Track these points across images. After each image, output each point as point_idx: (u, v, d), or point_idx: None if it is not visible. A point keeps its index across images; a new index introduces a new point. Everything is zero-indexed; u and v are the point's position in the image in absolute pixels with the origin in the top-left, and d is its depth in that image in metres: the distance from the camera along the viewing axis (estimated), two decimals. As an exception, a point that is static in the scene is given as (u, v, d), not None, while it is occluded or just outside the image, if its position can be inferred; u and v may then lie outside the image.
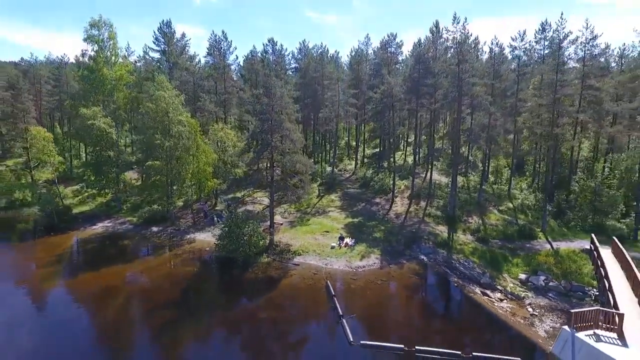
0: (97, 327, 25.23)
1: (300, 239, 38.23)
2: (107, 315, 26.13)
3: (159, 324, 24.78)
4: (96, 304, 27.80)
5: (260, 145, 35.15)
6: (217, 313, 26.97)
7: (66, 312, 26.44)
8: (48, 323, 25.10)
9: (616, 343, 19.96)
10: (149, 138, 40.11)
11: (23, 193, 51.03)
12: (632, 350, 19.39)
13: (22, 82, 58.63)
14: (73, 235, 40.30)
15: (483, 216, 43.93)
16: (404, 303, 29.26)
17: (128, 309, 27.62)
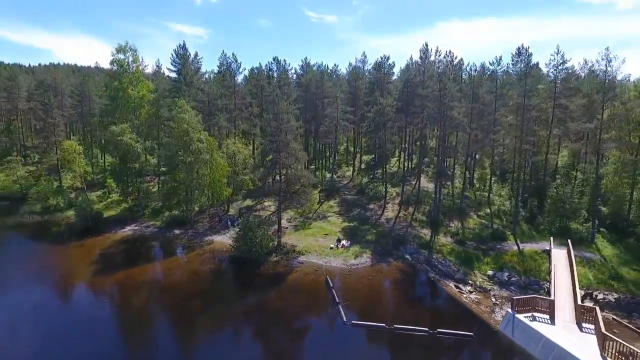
0: (135, 314, 31.56)
1: (304, 241, 44.55)
2: (144, 305, 32.59)
3: (185, 312, 31.02)
4: (134, 296, 34.20)
5: (271, 162, 41.47)
6: (235, 303, 33.27)
7: (111, 302, 32.84)
8: (97, 311, 31.48)
9: (546, 322, 26.37)
10: (173, 154, 46.40)
11: (56, 199, 57.35)
12: (557, 327, 25.78)
13: (52, 99, 64.70)
14: (107, 238, 46.51)
15: (463, 221, 50.14)
16: (388, 293, 35.61)
17: (161, 300, 33.84)
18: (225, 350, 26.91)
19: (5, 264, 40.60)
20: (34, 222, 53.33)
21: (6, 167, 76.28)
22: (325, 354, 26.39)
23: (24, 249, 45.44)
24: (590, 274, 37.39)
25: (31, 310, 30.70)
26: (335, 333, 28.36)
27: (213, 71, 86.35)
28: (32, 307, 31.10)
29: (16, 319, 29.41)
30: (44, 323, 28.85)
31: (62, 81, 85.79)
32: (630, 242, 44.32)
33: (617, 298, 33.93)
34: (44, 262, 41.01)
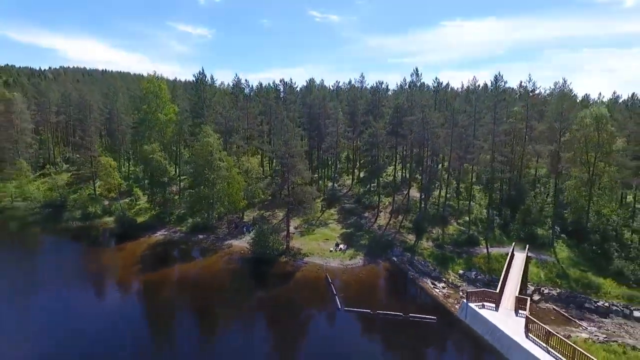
0: (172, 305, 40.40)
1: (308, 245, 53.21)
2: (179, 297, 41.40)
3: (212, 303, 39.77)
4: (170, 290, 43.08)
5: (281, 180, 50.20)
6: (252, 295, 42.04)
7: (153, 296, 41.67)
8: (142, 303, 40.34)
9: (492, 309, 34.83)
10: (199, 171, 55.17)
11: (94, 207, 66.30)
12: (499, 313, 34.28)
13: (89, 118, 73.70)
14: (143, 242, 55.33)
15: (444, 227, 58.44)
16: (375, 288, 44.24)
17: (193, 293, 42.53)
18: (245, 332, 35.68)
19: (62, 264, 49.49)
20: (77, 228, 62.19)
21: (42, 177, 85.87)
22: (325, 331, 35.18)
23: (74, 252, 54.42)
24: (542, 273, 45.77)
25: (89, 302, 39.76)
26: (332, 317, 37.08)
27: (223, 83, 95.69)
28: (89, 300, 40.21)
29: (77, 310, 38.24)
30: (99, 313, 37.80)
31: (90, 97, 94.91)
32: (584, 247, 52.57)
33: (559, 292, 42.31)
34: (95, 263, 49.83)
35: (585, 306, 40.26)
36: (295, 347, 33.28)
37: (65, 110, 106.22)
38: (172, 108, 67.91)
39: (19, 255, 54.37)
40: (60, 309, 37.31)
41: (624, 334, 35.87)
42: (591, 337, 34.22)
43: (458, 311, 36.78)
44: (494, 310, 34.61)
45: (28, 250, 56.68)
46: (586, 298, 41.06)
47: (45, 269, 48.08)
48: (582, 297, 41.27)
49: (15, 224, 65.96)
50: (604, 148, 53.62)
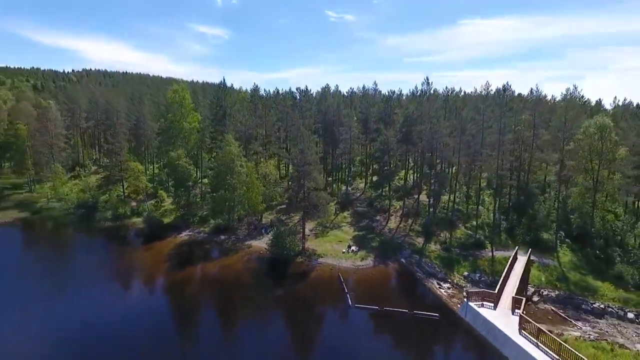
0: (198, 300, 44.62)
1: (322, 246, 56.89)
2: (204, 293, 45.59)
3: (234, 298, 43.92)
4: (197, 286, 47.34)
5: (297, 186, 54.03)
6: (270, 292, 45.98)
7: (180, 292, 45.98)
8: (170, 297, 44.68)
9: (490, 308, 37.76)
10: (221, 176, 59.42)
11: (124, 208, 71.35)
12: (496, 312, 37.19)
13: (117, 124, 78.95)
14: (170, 241, 59.86)
15: (452, 231, 61.30)
16: (383, 286, 47.61)
17: (216, 289, 46.76)
18: (264, 326, 39.55)
19: (97, 262, 54.35)
20: (108, 227, 67.20)
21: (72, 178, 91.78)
22: (337, 326, 38.88)
23: (108, 250, 59.37)
24: (542, 276, 48.43)
25: (121, 297, 44.34)
26: (343, 312, 40.71)
27: (241, 88, 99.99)
28: (121, 295, 44.85)
29: (111, 304, 42.77)
30: (131, 306, 42.30)
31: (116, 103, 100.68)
32: (587, 251, 54.88)
33: (557, 294, 45.01)
34: (127, 261, 54.54)
35: (582, 307, 42.93)
36: (309, 339, 37.07)
37: (94, 116, 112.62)
38: (195, 117, 72.56)
39: (59, 253, 59.66)
40: (97, 303, 41.76)
41: (617, 334, 38.49)
42: (583, 335, 37.02)
43: (459, 309, 39.92)
44: (492, 309, 37.59)
45: (66, 249, 61.96)
46: (583, 300, 43.69)
47: (82, 266, 52.94)
48: (580, 299, 43.92)
49: (52, 224, 71.52)
50: (608, 156, 55.90)
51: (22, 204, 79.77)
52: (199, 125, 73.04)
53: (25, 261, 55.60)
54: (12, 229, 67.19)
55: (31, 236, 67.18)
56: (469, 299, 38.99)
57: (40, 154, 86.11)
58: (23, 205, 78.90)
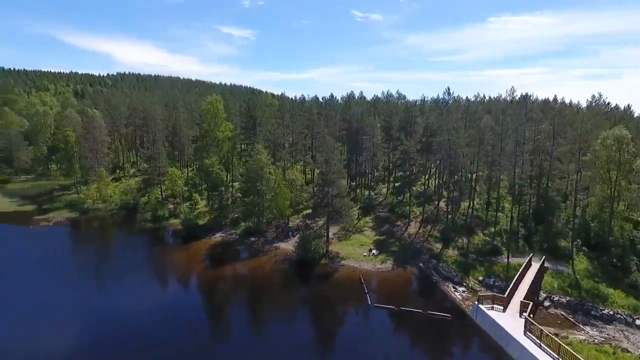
0: (230, 297, 49.45)
1: (345, 249, 60.79)
2: (236, 291, 50.40)
3: (263, 296, 48.45)
4: (230, 285, 52.27)
5: (322, 193, 58.18)
6: (296, 291, 50.36)
7: (212, 289, 50.97)
8: (206, 294, 49.69)
9: (500, 311, 40.78)
10: (251, 183, 64.32)
11: (163, 210, 77.49)
12: (505, 314, 40.24)
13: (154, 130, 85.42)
14: (205, 242, 65.20)
15: (470, 237, 63.89)
16: (401, 288, 51.00)
17: (247, 287, 51.50)
18: (290, 322, 43.92)
19: (139, 260, 60.17)
20: (149, 228, 73.38)
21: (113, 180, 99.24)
22: (357, 323, 42.84)
23: (148, 249, 65.43)
24: (555, 283, 50.59)
25: (163, 291, 49.74)
26: (363, 311, 44.57)
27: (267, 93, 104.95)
28: (163, 290, 50.25)
29: (153, 297, 48.19)
30: (171, 300, 47.54)
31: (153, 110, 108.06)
32: (603, 260, 56.44)
33: (568, 300, 47.18)
34: (166, 259, 60.11)
35: (592, 313, 45.03)
36: (332, 335, 41.19)
37: (132, 122, 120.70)
38: (228, 126, 77.99)
39: (105, 251, 66.35)
40: (138, 297, 47.24)
41: (623, 339, 40.59)
42: (588, 339, 39.39)
43: (470, 311, 42.99)
44: (501, 312, 40.56)
45: (111, 247, 68.64)
46: (593, 306, 45.76)
47: (126, 263, 58.65)
48: (590, 305, 46.00)
49: (98, 223, 78.65)
50: (625, 167, 57.20)
51: (71, 204, 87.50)
52: (231, 134, 78.44)
53: (76, 258, 62.25)
54: (65, 228, 74.46)
55: (81, 235, 74.22)
56: (479, 302, 42.08)
57: (86, 158, 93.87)
58: (72, 205, 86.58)
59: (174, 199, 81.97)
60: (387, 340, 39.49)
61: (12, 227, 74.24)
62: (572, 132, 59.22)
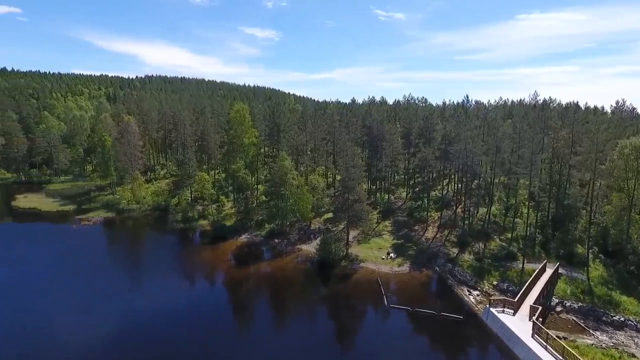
0: (255, 294, 53.21)
1: (364, 252, 63.72)
2: (260, 289, 54.14)
3: (285, 295, 52.12)
4: (255, 283, 56.11)
5: (342, 199, 61.35)
6: (317, 291, 53.71)
7: (238, 286, 54.93)
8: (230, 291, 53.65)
9: (510, 314, 42.99)
10: (275, 188, 68.14)
11: (192, 212, 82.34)
12: (515, 318, 42.49)
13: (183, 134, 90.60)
14: (232, 243, 69.39)
15: (487, 242, 65.66)
16: (416, 291, 53.54)
17: (270, 286, 55.20)
18: (311, 319, 47.31)
19: (170, 258, 64.93)
20: (180, 229, 78.22)
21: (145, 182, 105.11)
22: (374, 322, 45.91)
23: (179, 248, 70.16)
24: (568, 289, 52.08)
25: (192, 287, 54.10)
26: (380, 311, 47.52)
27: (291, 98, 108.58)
28: (192, 286, 54.63)
29: (183, 292, 52.53)
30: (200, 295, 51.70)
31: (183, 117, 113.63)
32: (619, 267, 57.39)
33: (580, 306, 48.70)
34: (196, 258, 64.59)
35: (602, 319, 46.46)
36: (350, 331, 44.42)
37: (163, 126, 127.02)
38: (253, 133, 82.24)
39: (139, 249, 71.63)
40: (168, 292, 51.84)
41: (632, 345, 42.05)
42: (596, 343, 41.08)
43: (482, 314, 45.28)
44: (512, 315, 42.76)
45: (145, 246, 73.91)
46: (604, 312, 47.17)
47: (158, 261, 63.62)
48: (601, 311, 47.43)
49: (132, 223, 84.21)
50: (643, 176, 57.87)
51: (107, 204, 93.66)
52: (256, 140, 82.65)
53: (116, 255, 67.75)
54: (103, 227, 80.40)
55: (118, 234, 79.91)
56: (490, 305, 44.38)
57: (120, 161, 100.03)
58: (109, 206, 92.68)
59: (202, 201, 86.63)
60: (401, 338, 42.37)
61: (58, 225, 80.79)
62: (588, 141, 60.27)
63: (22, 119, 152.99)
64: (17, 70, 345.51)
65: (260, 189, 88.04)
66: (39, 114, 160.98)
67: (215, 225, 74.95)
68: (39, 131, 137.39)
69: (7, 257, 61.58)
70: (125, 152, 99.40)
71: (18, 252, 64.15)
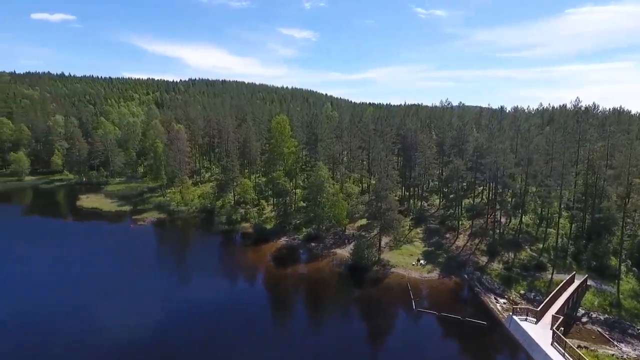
0: (292, 294, 58.27)
1: (395, 258, 67.33)
2: (297, 289, 59.17)
3: (320, 295, 56.82)
4: (292, 283, 61.25)
5: (375, 207, 65.34)
6: (350, 293, 58.05)
7: (277, 286, 60.19)
8: (270, 290, 59.03)
9: (532, 322, 45.48)
10: (313, 195, 73.11)
11: (236, 214, 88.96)
12: (536, 326, 44.97)
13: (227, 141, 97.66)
14: (272, 245, 75.04)
15: (517, 252, 67.26)
16: (444, 296, 56.56)
17: (307, 287, 60.09)
18: (343, 319, 51.69)
19: (218, 258, 71.63)
20: (224, 230, 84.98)
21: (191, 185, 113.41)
22: (402, 323, 49.83)
23: (224, 249, 76.84)
24: (596, 301, 53.38)
25: (235, 286, 60.25)
26: (408, 314, 51.21)
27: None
28: (236, 284, 60.85)
29: (223, 289, 58.51)
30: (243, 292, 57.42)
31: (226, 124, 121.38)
32: (654, 282, 57.68)
33: (606, 318, 50.07)
34: (239, 258, 70.87)
35: (628, 332, 47.73)
36: (379, 331, 48.50)
37: (208, 132, 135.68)
38: (292, 142, 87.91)
39: (192, 249, 78.86)
40: (213, 287, 58.22)
41: (656, 358, 43.33)
42: (618, 354, 42.81)
43: (505, 321, 47.92)
44: (534, 324, 45.20)
45: (193, 245, 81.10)
46: (631, 325, 48.39)
47: (210, 259, 70.40)
48: (627, 324, 48.66)
49: (182, 224, 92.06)
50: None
51: (159, 205, 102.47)
52: (295, 149, 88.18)
53: (169, 252, 75.31)
54: (157, 227, 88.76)
55: (170, 233, 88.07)
56: (514, 313, 46.97)
57: (171, 165, 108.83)
58: (160, 207, 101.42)
59: (245, 205, 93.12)
60: (426, 340, 46.08)
61: (118, 224, 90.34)
62: (622, 155, 60.88)
63: (81, 124, 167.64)
64: (73, 75, 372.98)
65: (299, 193, 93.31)
66: (96, 119, 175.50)
67: (256, 227, 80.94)
68: (97, 136, 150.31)
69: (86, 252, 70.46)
70: (174, 157, 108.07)
71: (88, 248, 73.14)
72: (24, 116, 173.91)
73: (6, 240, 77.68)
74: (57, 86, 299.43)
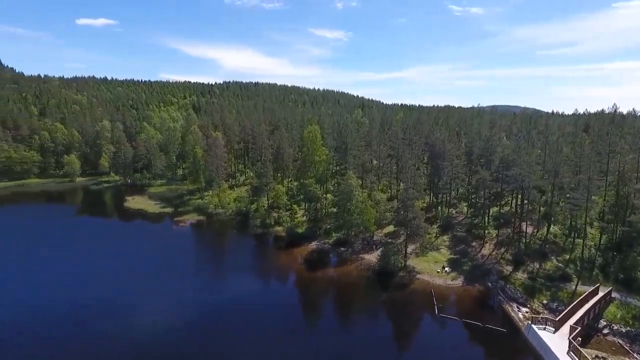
0: (322, 296, 62.45)
1: (420, 265, 70.22)
2: (326, 292, 63.31)
3: (348, 298, 60.76)
4: (322, 286, 65.45)
5: (402, 216, 68.56)
6: (377, 297, 61.62)
7: (307, 288, 64.54)
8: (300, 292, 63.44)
9: (550, 331, 47.56)
10: (342, 202, 77.11)
11: (270, 218, 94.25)
12: (554, 335, 47.04)
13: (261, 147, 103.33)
14: (304, 249, 79.60)
15: (542, 262, 68.49)
16: (466, 303, 59.01)
17: (336, 289, 64.10)
18: (370, 320, 55.35)
19: (251, 258, 77.01)
20: (259, 233, 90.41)
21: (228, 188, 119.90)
22: (424, 327, 53.10)
23: (259, 250, 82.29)
24: (619, 313, 54.39)
25: (268, 286, 65.49)
26: (432, 319, 54.31)
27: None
28: (268, 284, 66.00)
29: (256, 289, 63.69)
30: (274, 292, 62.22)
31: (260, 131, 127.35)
32: (681, 296, 57.81)
33: (627, 330, 51.18)
34: (272, 260, 75.99)
35: (650, 345, 48.77)
36: (403, 333, 51.94)
37: (243, 138, 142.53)
38: (323, 151, 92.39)
39: (229, 249, 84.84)
40: (246, 286, 63.44)
41: (675, 371, 44.46)
42: (636, 366, 44.24)
43: (524, 329, 50.12)
44: (552, 333, 47.23)
45: (234, 247, 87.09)
46: (653, 338, 49.35)
47: (246, 260, 75.88)
48: (649, 337, 49.62)
49: (219, 226, 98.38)
50: None
51: (198, 208, 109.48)
52: (325, 157, 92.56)
53: (208, 252, 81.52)
54: (196, 228, 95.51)
55: (209, 235, 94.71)
56: (532, 322, 49.13)
57: (209, 170, 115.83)
58: (199, 209, 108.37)
59: (277, 210, 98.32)
60: (447, 344, 49.05)
61: (161, 225, 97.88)
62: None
63: (125, 128, 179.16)
64: (115, 79, 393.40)
65: (329, 198, 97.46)
66: (139, 124, 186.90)
67: (288, 231, 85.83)
68: (140, 140, 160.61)
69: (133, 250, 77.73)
70: (212, 163, 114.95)
71: (136, 247, 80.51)
72: (75, 121, 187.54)
73: (65, 239, 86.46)
74: (102, 90, 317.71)
